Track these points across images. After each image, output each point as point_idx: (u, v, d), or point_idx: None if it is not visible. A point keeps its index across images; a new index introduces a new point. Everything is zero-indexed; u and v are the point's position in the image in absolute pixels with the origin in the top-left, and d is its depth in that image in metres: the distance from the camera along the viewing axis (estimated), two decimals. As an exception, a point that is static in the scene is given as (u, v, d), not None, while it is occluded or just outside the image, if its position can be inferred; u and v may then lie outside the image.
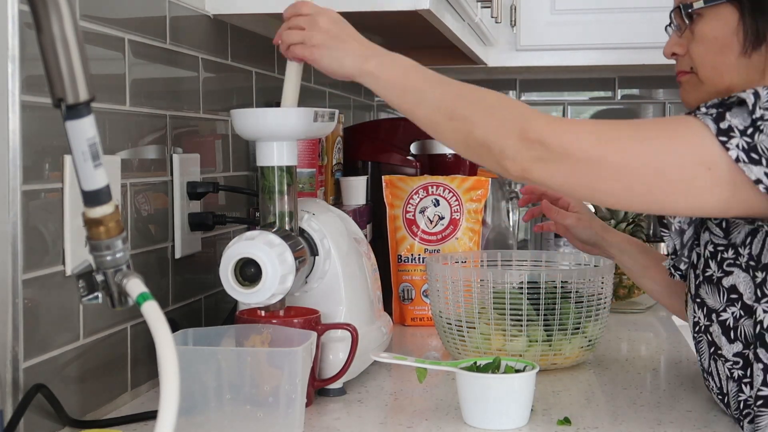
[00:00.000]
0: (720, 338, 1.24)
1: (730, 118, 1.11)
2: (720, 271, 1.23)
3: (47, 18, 0.79)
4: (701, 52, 1.27)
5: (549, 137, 1.13)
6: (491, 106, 1.19)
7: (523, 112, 1.17)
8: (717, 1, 1.24)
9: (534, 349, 1.54)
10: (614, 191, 1.14)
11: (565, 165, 1.13)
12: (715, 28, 1.25)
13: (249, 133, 1.35)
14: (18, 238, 1.09)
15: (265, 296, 1.26)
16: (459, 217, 1.96)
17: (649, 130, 1.16)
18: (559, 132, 1.14)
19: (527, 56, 2.66)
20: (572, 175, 1.13)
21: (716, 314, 1.24)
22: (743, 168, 1.09)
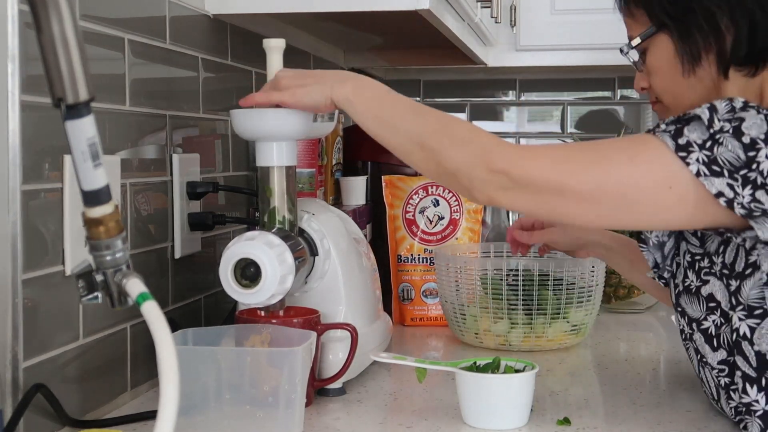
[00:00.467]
0: (704, 347, 1.24)
1: (688, 133, 1.13)
2: (698, 280, 1.24)
3: (47, 18, 0.79)
4: (657, 82, 1.32)
5: (511, 167, 1.17)
6: (460, 138, 1.22)
7: (488, 143, 1.21)
8: (650, 34, 1.29)
9: (516, 331, 1.70)
10: (579, 214, 1.18)
11: (528, 192, 1.17)
12: (659, 58, 1.30)
13: (248, 133, 1.35)
14: (18, 238, 1.09)
15: (265, 296, 1.26)
16: (459, 217, 1.96)
17: (609, 153, 1.18)
18: (521, 161, 1.18)
19: (527, 56, 2.66)
20: (536, 201, 1.18)
21: (697, 323, 1.25)
22: (704, 182, 1.11)
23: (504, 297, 1.69)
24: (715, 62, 1.26)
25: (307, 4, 1.64)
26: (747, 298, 1.17)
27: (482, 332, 1.71)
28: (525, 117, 3.18)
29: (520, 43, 2.63)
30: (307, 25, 2.03)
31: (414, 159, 1.26)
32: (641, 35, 1.30)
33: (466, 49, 2.23)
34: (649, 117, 3.13)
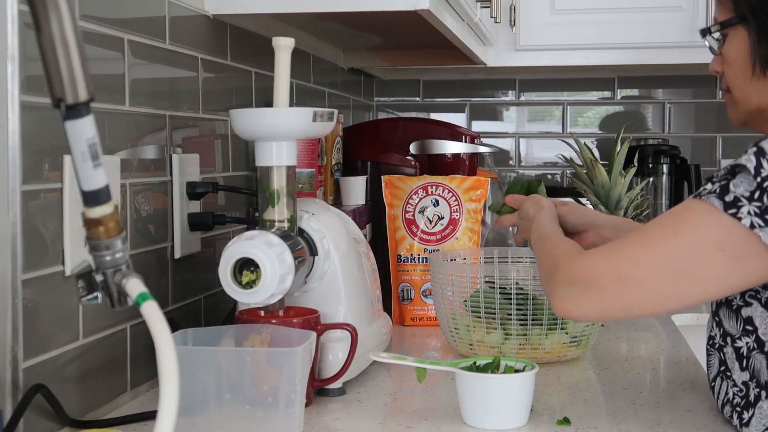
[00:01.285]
0: (734, 363, 1.23)
1: (734, 188, 1.11)
2: (741, 299, 1.22)
3: (47, 18, 0.79)
4: (728, 73, 1.28)
5: (571, 273, 1.20)
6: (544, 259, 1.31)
7: (555, 258, 1.26)
8: (730, 24, 1.25)
9: (510, 342, 1.61)
10: (643, 301, 1.17)
11: (590, 293, 1.18)
12: (734, 49, 1.26)
13: (248, 133, 1.35)
14: (17, 238, 1.09)
15: (265, 296, 1.26)
16: (458, 217, 1.96)
17: (654, 232, 1.17)
18: (577, 265, 1.20)
19: (526, 56, 2.66)
20: (600, 300, 1.18)
21: (732, 339, 1.23)
22: (759, 233, 1.09)
23: (497, 306, 1.61)
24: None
25: (307, 4, 1.64)
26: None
27: (476, 343, 1.63)
28: (525, 117, 3.19)
29: (519, 43, 2.63)
30: (307, 25, 2.03)
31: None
32: (722, 22, 1.26)
33: (465, 49, 2.23)
34: (649, 118, 3.13)
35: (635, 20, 2.58)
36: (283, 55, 1.35)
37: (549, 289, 1.23)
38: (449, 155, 2.32)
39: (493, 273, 1.62)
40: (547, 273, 1.26)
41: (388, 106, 3.18)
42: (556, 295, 1.21)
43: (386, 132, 2.30)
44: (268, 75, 1.91)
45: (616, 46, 2.61)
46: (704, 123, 3.11)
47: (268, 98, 1.90)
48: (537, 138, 3.17)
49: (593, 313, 1.20)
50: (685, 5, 2.57)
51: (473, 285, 1.65)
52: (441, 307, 1.70)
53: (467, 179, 1.98)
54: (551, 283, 1.23)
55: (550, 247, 1.32)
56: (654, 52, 2.61)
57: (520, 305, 1.60)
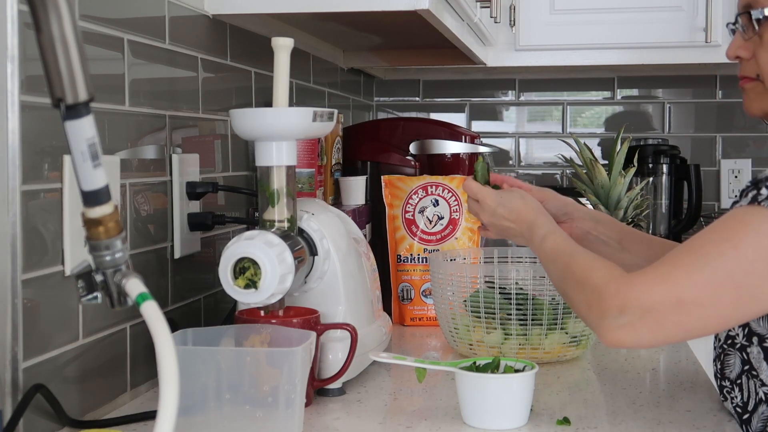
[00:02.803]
0: (760, 362, 1.21)
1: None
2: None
3: (46, 18, 0.79)
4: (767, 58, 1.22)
5: (624, 301, 1.13)
6: (576, 280, 1.22)
7: (597, 284, 1.17)
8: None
9: (510, 342, 1.60)
10: (705, 324, 1.12)
11: (648, 321, 1.12)
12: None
13: (248, 133, 1.35)
14: (17, 238, 1.09)
15: (265, 296, 1.26)
16: (458, 217, 1.96)
17: (710, 250, 1.11)
18: (628, 292, 1.13)
19: (526, 56, 2.66)
20: (659, 326, 1.12)
21: (760, 338, 1.20)
22: None
23: (496, 306, 1.61)
24: None
25: (307, 4, 1.64)
26: None
27: (475, 343, 1.63)
28: (524, 117, 3.19)
29: (519, 43, 2.63)
30: (307, 25, 2.03)
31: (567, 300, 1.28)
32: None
33: (465, 49, 2.23)
34: (649, 118, 3.13)
35: (635, 20, 2.58)
36: (282, 56, 1.35)
37: (595, 319, 1.16)
38: (449, 155, 2.32)
39: (493, 273, 1.62)
40: (589, 302, 1.17)
41: (388, 106, 3.18)
42: (608, 326, 1.14)
43: (386, 132, 2.30)
44: (268, 75, 1.91)
45: (616, 46, 2.61)
46: (704, 123, 3.11)
47: (268, 98, 1.90)
48: (537, 138, 3.17)
49: (652, 341, 1.14)
50: (685, 5, 2.57)
51: (473, 285, 1.65)
52: (441, 307, 1.70)
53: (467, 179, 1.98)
54: (596, 312, 1.15)
55: (582, 269, 1.22)
56: (654, 52, 2.61)
57: (519, 305, 1.60)
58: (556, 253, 1.30)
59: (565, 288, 1.25)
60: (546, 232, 1.35)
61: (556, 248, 1.30)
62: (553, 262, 1.29)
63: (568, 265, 1.25)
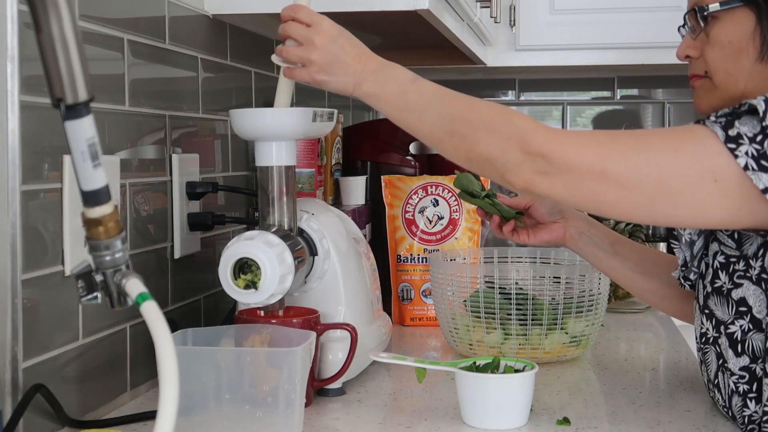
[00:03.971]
0: (727, 351, 1.21)
1: (739, 125, 1.09)
2: (730, 283, 1.20)
3: (46, 18, 0.79)
4: (716, 56, 1.24)
5: (551, 150, 1.13)
6: (491, 121, 1.18)
7: (523, 125, 1.16)
8: (733, 5, 1.22)
9: (510, 342, 1.60)
10: (618, 203, 1.13)
11: (567, 177, 1.13)
12: (730, 32, 1.23)
13: (248, 133, 1.35)
14: (17, 238, 1.09)
15: (264, 296, 1.26)
16: (458, 217, 1.96)
17: (653, 142, 1.14)
18: (561, 145, 1.13)
19: (526, 56, 2.66)
20: (575, 187, 1.13)
21: (724, 326, 1.21)
22: (751, 176, 1.07)
23: (496, 306, 1.60)
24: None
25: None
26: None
27: (475, 343, 1.62)
28: (524, 117, 3.18)
29: (519, 42, 2.63)
30: (307, 25, 2.02)
31: (443, 147, 1.21)
32: (723, 2, 1.22)
33: (465, 49, 2.23)
34: (648, 117, 3.13)
35: (635, 20, 2.58)
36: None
37: (512, 158, 1.14)
38: (449, 155, 2.32)
39: (493, 273, 1.62)
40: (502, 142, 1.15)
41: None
42: (525, 167, 1.13)
43: (386, 132, 2.30)
44: (268, 75, 1.91)
45: (616, 46, 2.61)
46: (704, 123, 3.11)
47: (268, 98, 1.90)
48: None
49: (561, 196, 1.15)
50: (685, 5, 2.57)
51: (473, 285, 1.65)
52: (441, 307, 1.70)
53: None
54: (517, 150, 1.14)
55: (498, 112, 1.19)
56: (654, 52, 2.61)
57: (519, 305, 1.60)
58: (443, 94, 1.23)
59: (466, 130, 1.19)
60: (412, 74, 1.26)
61: (441, 90, 1.23)
62: (440, 102, 1.22)
63: (470, 107, 1.21)
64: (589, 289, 1.64)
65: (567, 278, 1.63)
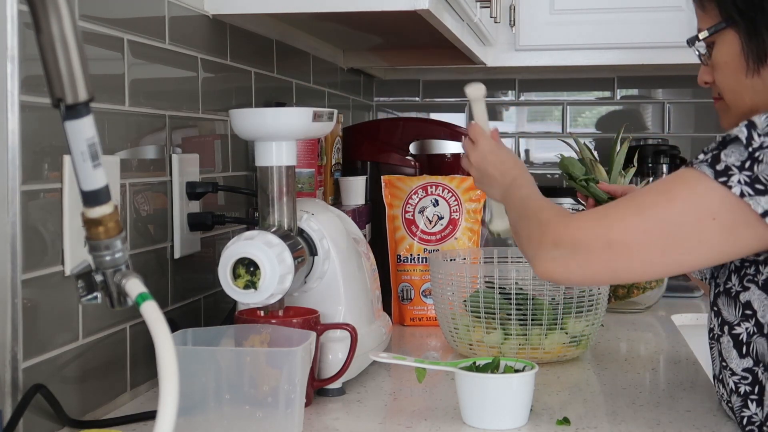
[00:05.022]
0: (730, 351, 1.23)
1: (725, 157, 1.12)
2: (739, 285, 1.22)
3: (46, 18, 0.79)
4: (720, 78, 1.30)
5: (559, 236, 1.20)
6: (528, 218, 1.28)
7: (541, 220, 1.24)
8: (718, 28, 1.27)
9: (510, 342, 1.60)
10: (631, 267, 1.18)
11: (579, 257, 1.18)
12: (724, 53, 1.28)
13: (248, 133, 1.35)
14: (17, 238, 1.09)
15: (264, 296, 1.26)
16: (458, 217, 1.96)
17: (648, 200, 1.18)
18: (566, 228, 1.20)
19: (526, 56, 2.66)
20: (588, 264, 1.18)
21: (729, 327, 1.23)
22: (749, 202, 1.10)
23: (496, 306, 1.61)
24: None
25: (307, 4, 1.64)
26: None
27: (475, 343, 1.63)
28: (524, 117, 3.18)
29: (519, 43, 2.63)
30: (307, 25, 2.03)
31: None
32: (709, 29, 1.28)
33: (465, 49, 2.23)
34: (648, 118, 3.13)
35: (635, 20, 2.58)
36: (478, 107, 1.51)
37: (532, 251, 1.23)
38: (449, 155, 2.32)
39: (493, 273, 1.62)
40: (530, 235, 1.25)
41: (387, 106, 3.18)
42: (541, 257, 1.21)
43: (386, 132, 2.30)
44: (268, 75, 1.91)
45: (616, 46, 2.61)
46: (704, 123, 3.11)
47: (267, 98, 1.90)
48: (537, 138, 3.17)
49: (579, 276, 1.20)
50: (685, 5, 2.57)
51: (473, 285, 1.65)
52: (441, 307, 1.70)
53: (467, 179, 1.98)
54: (535, 243, 1.22)
55: (536, 208, 1.29)
56: (654, 52, 2.61)
57: (519, 305, 1.60)
58: (523, 198, 1.35)
59: (518, 226, 1.31)
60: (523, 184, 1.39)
61: (526, 195, 1.35)
62: (517, 207, 1.34)
63: (527, 205, 1.31)
64: (589, 289, 1.64)
65: None
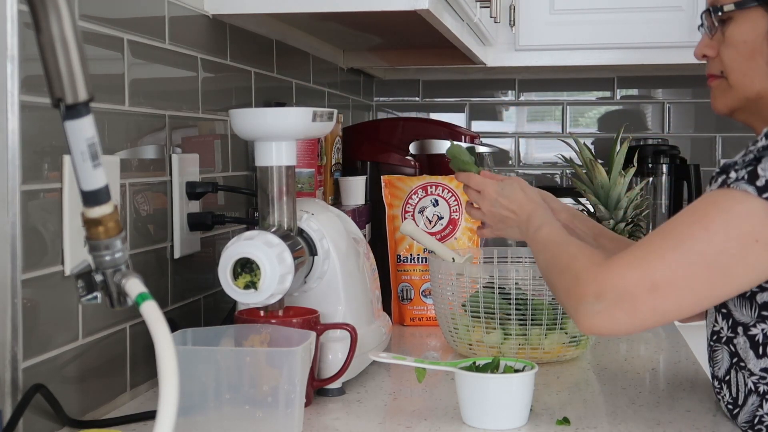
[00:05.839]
0: (747, 352, 1.21)
1: (763, 171, 1.09)
2: (756, 286, 1.19)
3: (46, 18, 0.79)
4: (732, 56, 1.25)
5: (601, 288, 1.14)
6: (559, 268, 1.23)
7: (578, 271, 1.19)
8: (748, 5, 1.22)
9: (509, 342, 1.60)
10: (681, 305, 1.14)
11: (623, 306, 1.14)
12: (745, 31, 1.23)
13: (248, 133, 1.35)
14: (17, 238, 1.09)
15: (264, 296, 1.26)
16: (458, 217, 1.96)
17: (683, 232, 1.13)
18: (604, 277, 1.15)
19: (526, 56, 2.66)
20: (635, 310, 1.14)
21: (744, 327, 1.21)
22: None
23: (496, 306, 1.60)
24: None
25: (307, 4, 1.64)
26: None
27: (475, 343, 1.62)
28: (524, 117, 3.19)
29: (519, 43, 2.63)
30: (307, 25, 2.03)
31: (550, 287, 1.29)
32: (738, 3, 1.23)
33: (465, 49, 2.23)
34: (648, 118, 3.13)
35: (635, 20, 2.58)
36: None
37: (572, 305, 1.17)
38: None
39: (493, 273, 1.62)
40: (567, 289, 1.19)
41: (387, 106, 3.18)
42: (585, 312, 1.15)
43: (386, 132, 2.30)
44: (268, 75, 1.91)
45: (616, 46, 2.61)
46: (704, 123, 3.11)
47: (267, 98, 1.90)
48: (536, 138, 3.17)
49: (628, 326, 1.15)
50: (685, 5, 2.57)
51: (473, 285, 1.65)
52: (440, 307, 1.70)
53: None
54: (574, 298, 1.17)
55: (566, 257, 1.23)
56: (654, 52, 2.61)
57: (519, 305, 1.60)
58: (547, 242, 1.31)
59: (550, 276, 1.26)
60: (541, 222, 1.36)
61: (549, 238, 1.32)
62: (543, 252, 1.31)
63: (555, 253, 1.27)
64: None
65: None
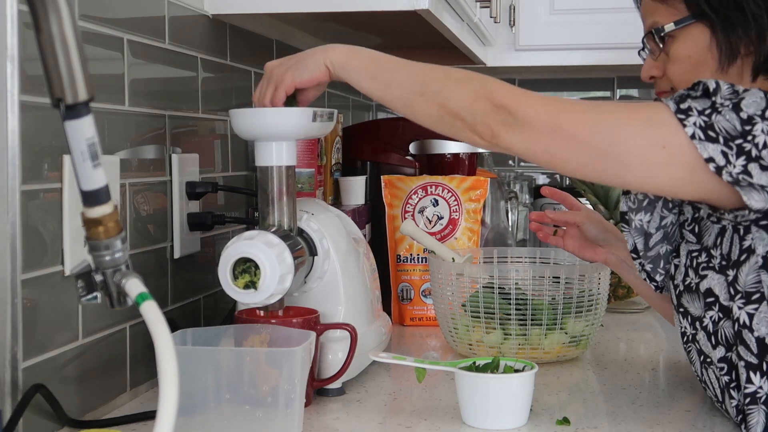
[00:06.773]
0: (707, 345, 1.24)
1: (692, 101, 1.14)
2: (697, 277, 1.24)
3: (46, 18, 0.79)
4: (678, 71, 1.31)
5: (513, 104, 1.19)
6: (459, 79, 1.24)
7: (488, 81, 1.22)
8: (687, 22, 1.28)
9: (509, 342, 1.60)
10: (569, 158, 1.17)
11: (526, 131, 1.18)
12: (688, 47, 1.29)
13: (248, 133, 1.35)
14: (17, 238, 1.09)
15: (264, 296, 1.26)
16: (458, 217, 1.96)
17: (612, 108, 1.19)
18: (522, 100, 1.19)
19: (526, 56, 2.66)
20: (531, 141, 1.18)
21: (699, 321, 1.24)
22: (697, 145, 1.11)
23: (496, 306, 1.60)
24: (750, 64, 1.26)
25: (307, 4, 1.64)
26: (744, 285, 1.17)
27: (475, 343, 1.62)
28: (524, 117, 3.18)
29: (519, 43, 2.63)
30: (307, 25, 2.03)
31: (415, 108, 1.27)
32: (677, 22, 1.29)
33: (465, 49, 2.23)
34: (648, 117, 3.14)
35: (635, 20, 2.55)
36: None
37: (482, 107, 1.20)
38: (449, 155, 2.32)
39: (493, 273, 1.62)
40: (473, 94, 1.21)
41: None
42: (492, 118, 1.19)
43: (386, 132, 2.30)
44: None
45: (616, 46, 2.61)
46: (704, 123, 3.11)
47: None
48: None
49: (519, 150, 1.20)
50: (685, 5, 2.57)
51: (472, 285, 1.65)
52: (440, 307, 1.70)
53: (467, 179, 1.98)
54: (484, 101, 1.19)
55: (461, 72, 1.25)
56: (653, 52, 2.61)
57: (519, 305, 1.60)
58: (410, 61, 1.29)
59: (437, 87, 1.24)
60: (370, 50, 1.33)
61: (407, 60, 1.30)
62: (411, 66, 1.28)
63: (437, 67, 1.27)
64: (589, 289, 1.64)
65: (566, 278, 1.63)
